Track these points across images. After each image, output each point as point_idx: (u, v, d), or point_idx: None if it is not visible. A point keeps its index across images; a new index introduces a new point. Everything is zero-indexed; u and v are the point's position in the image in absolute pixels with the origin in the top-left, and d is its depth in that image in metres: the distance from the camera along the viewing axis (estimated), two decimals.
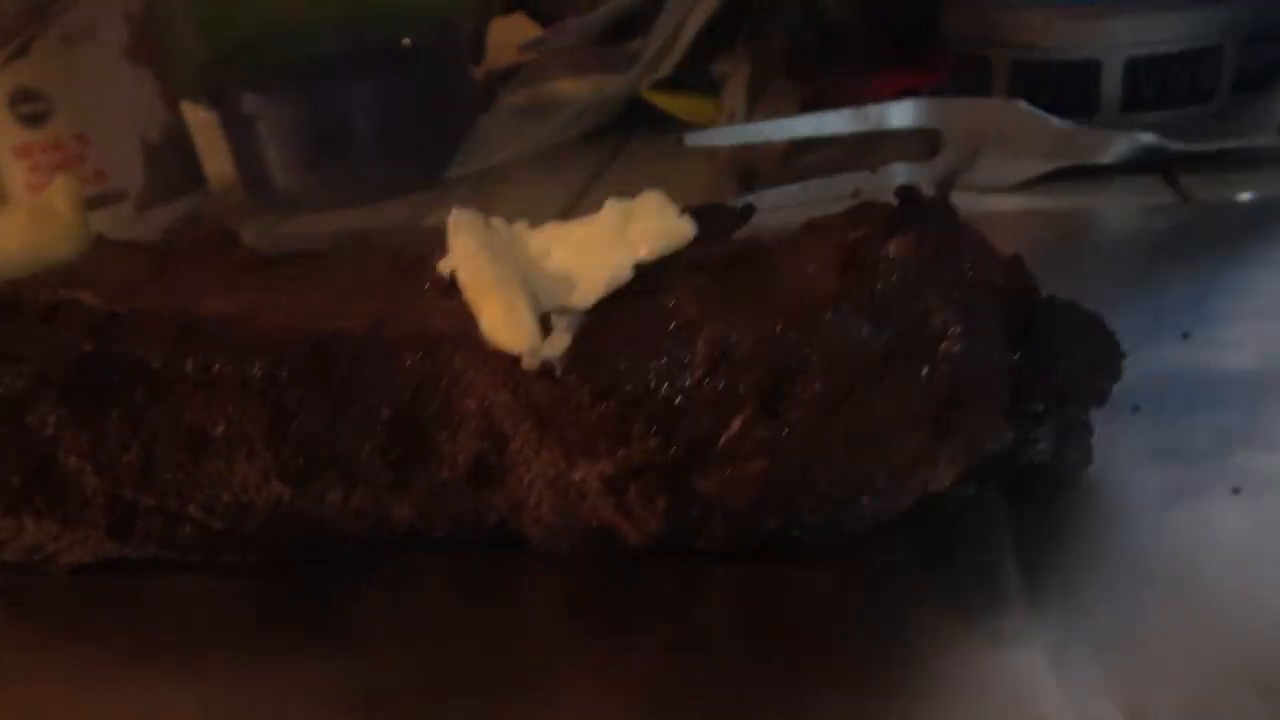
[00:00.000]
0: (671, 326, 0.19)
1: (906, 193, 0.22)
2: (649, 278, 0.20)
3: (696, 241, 0.25)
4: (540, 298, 0.20)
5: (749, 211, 0.29)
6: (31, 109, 0.48)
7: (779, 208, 0.43)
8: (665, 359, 0.19)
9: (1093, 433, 0.21)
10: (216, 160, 0.57)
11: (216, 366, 0.21)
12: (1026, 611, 0.20)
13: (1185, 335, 0.28)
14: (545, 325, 0.20)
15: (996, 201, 0.40)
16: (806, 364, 0.18)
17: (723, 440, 0.19)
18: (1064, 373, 0.21)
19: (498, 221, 0.21)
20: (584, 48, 0.56)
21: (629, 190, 0.52)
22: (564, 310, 0.20)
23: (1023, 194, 0.40)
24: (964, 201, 0.40)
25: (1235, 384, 0.26)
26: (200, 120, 0.56)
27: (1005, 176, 0.40)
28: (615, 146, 0.55)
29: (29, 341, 0.23)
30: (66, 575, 0.25)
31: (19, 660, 0.23)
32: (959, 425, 0.19)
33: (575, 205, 0.48)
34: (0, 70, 0.47)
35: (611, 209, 0.20)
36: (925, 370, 0.18)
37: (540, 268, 0.20)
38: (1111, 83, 0.38)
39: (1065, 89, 0.39)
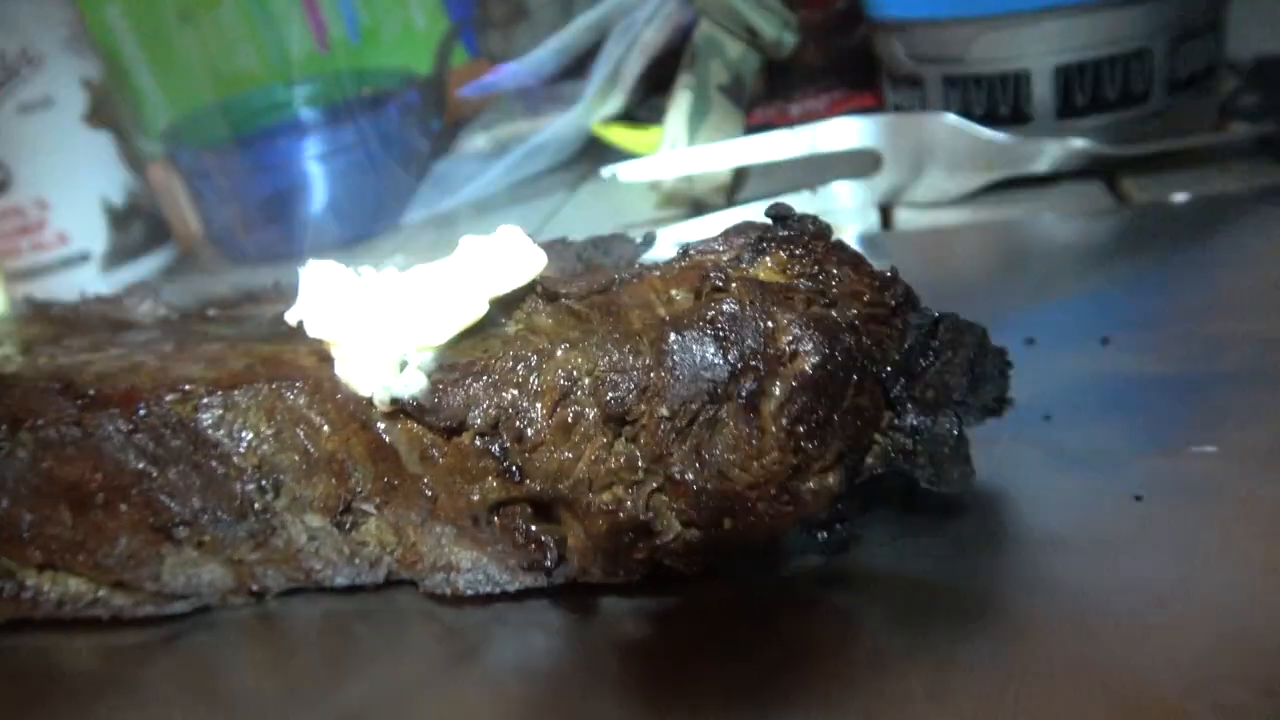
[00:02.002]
0: (522, 358, 0.19)
1: (778, 210, 0.22)
2: (508, 310, 0.20)
3: (585, 272, 0.25)
4: (402, 338, 0.20)
5: (650, 239, 0.28)
6: None
7: None
8: (516, 391, 0.19)
9: (968, 446, 0.20)
10: (184, 217, 0.57)
11: (88, 422, 0.21)
12: (912, 632, 0.19)
13: (1105, 340, 0.27)
14: (404, 359, 0.20)
15: (939, 216, 0.39)
16: (651, 389, 0.18)
17: (577, 470, 0.18)
18: (940, 387, 0.20)
19: (366, 269, 0.21)
20: (537, 88, 0.56)
21: (586, 225, 0.51)
22: (422, 349, 0.20)
23: (966, 207, 0.39)
24: (907, 217, 0.40)
25: (1148, 388, 0.25)
26: (167, 179, 0.57)
27: (947, 191, 0.40)
28: (573, 183, 0.55)
29: None
30: None
31: None
32: (821, 444, 0.18)
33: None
34: None
35: (467, 245, 0.20)
36: (776, 390, 0.18)
37: (402, 310, 0.20)
38: (1043, 91, 0.38)
39: (997, 100, 0.39)
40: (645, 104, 0.53)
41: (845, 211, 0.41)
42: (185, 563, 0.22)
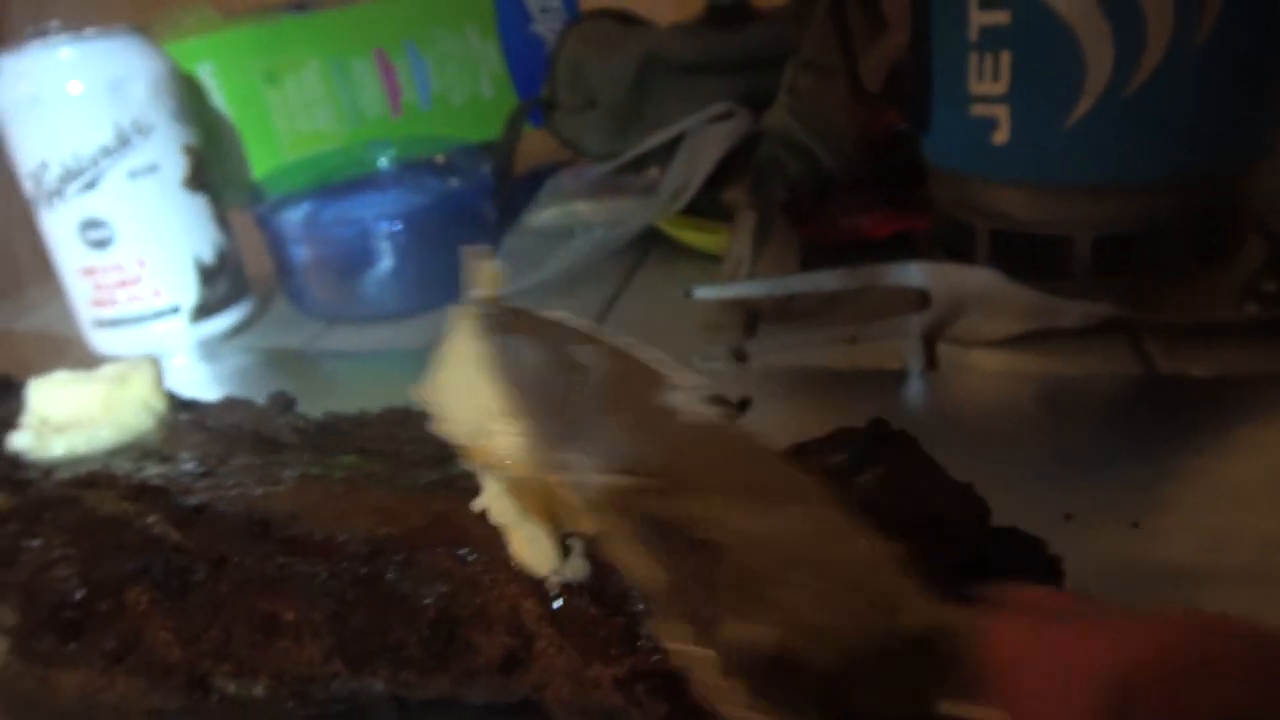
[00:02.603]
0: None
1: (877, 426, 0.26)
2: None
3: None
4: (561, 518, 0.24)
5: (745, 404, 0.33)
6: (98, 235, 0.52)
7: (782, 350, 0.47)
8: None
9: None
10: (261, 264, 0.61)
11: (288, 566, 0.25)
12: None
13: (1135, 524, 0.31)
14: (566, 543, 0.24)
15: (976, 357, 0.44)
16: None
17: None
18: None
19: None
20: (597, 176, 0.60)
21: (645, 318, 0.55)
22: (577, 535, 0.24)
23: (1000, 350, 0.43)
24: (948, 353, 0.45)
25: (1175, 577, 0.29)
26: (247, 227, 0.61)
27: (985, 333, 0.44)
28: (629, 269, 0.59)
29: (124, 526, 0.27)
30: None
31: None
32: None
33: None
34: (72, 202, 0.51)
35: None
36: None
37: (556, 494, 0.24)
38: (1082, 255, 0.42)
39: (1040, 258, 0.43)
40: (706, 198, 0.57)
41: (895, 343, 0.45)
42: (354, 681, 0.26)
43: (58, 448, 0.32)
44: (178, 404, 0.35)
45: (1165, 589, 0.29)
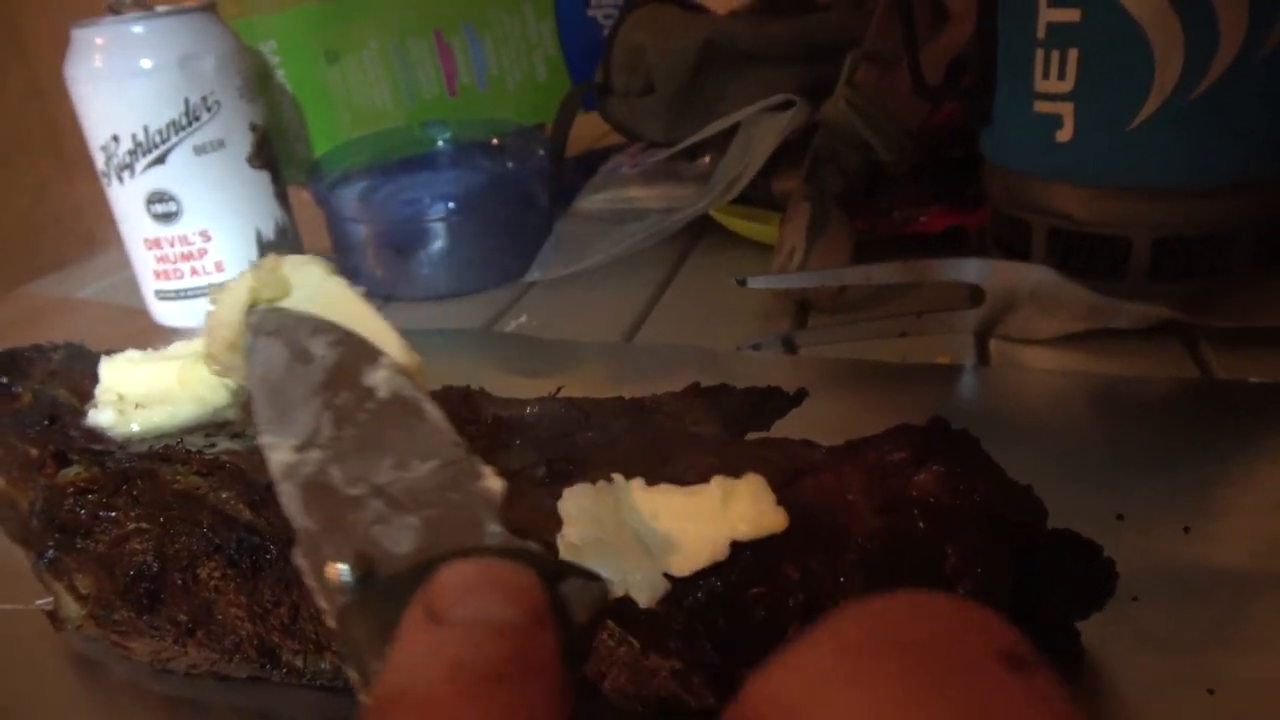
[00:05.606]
0: (730, 554, 0.23)
1: (938, 425, 0.26)
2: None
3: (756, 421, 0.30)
4: (651, 552, 0.24)
5: (801, 396, 0.33)
6: (164, 208, 0.54)
7: (832, 342, 0.47)
8: (723, 584, 0.23)
9: (1084, 653, 0.25)
10: (317, 239, 0.62)
11: None
12: None
13: (1186, 529, 0.31)
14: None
15: (1028, 354, 0.44)
16: (840, 597, 0.22)
17: (770, 652, 0.23)
18: (1060, 598, 0.24)
19: (618, 478, 0.24)
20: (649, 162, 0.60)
21: (696, 304, 0.55)
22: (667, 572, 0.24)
23: (1053, 348, 0.44)
24: (1000, 350, 0.45)
25: (1226, 581, 0.29)
26: (303, 201, 0.62)
27: (1038, 331, 0.44)
28: (680, 255, 0.60)
29: (198, 501, 0.28)
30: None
31: None
32: None
33: (646, 316, 0.53)
34: (141, 175, 0.53)
35: (717, 484, 0.24)
36: None
37: (651, 526, 0.24)
38: (1140, 257, 0.42)
39: (1098, 258, 0.43)
40: (755, 186, 0.57)
41: (946, 338, 0.46)
42: None
43: (138, 424, 0.33)
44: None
45: (1216, 593, 0.29)
